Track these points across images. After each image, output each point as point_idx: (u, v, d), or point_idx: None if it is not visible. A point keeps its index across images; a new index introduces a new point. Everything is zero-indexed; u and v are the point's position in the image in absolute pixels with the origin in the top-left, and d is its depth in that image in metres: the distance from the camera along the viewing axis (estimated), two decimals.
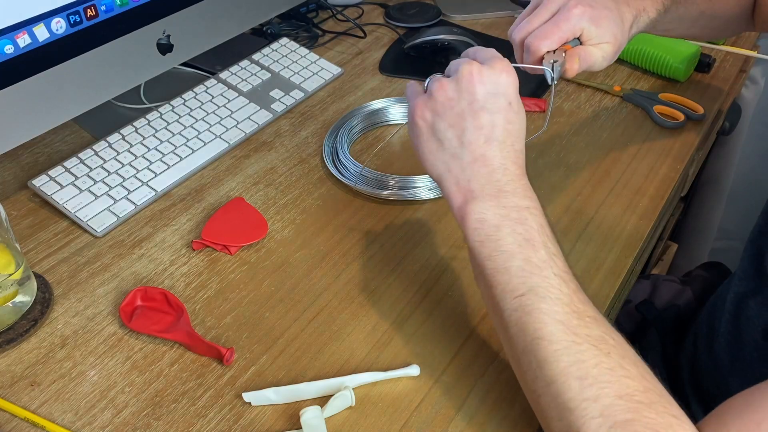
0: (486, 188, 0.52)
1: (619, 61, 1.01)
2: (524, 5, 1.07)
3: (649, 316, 0.82)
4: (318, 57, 0.99)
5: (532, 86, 0.94)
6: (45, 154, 0.82)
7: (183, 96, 0.88)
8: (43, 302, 0.64)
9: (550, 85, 0.61)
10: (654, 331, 0.79)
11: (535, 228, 0.50)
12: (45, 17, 0.68)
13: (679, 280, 0.91)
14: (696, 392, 0.71)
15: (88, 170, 0.77)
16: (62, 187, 0.74)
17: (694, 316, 0.78)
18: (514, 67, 0.56)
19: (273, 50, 0.98)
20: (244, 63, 0.95)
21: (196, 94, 0.89)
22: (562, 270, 0.49)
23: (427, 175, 0.77)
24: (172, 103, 0.87)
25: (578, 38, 0.62)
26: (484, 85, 0.53)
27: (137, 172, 0.78)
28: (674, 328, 0.80)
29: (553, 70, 0.61)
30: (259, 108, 0.89)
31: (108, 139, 0.81)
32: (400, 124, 0.89)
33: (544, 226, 0.51)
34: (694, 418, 0.46)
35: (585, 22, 0.61)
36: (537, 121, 0.89)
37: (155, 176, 0.78)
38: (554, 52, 0.61)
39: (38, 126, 0.73)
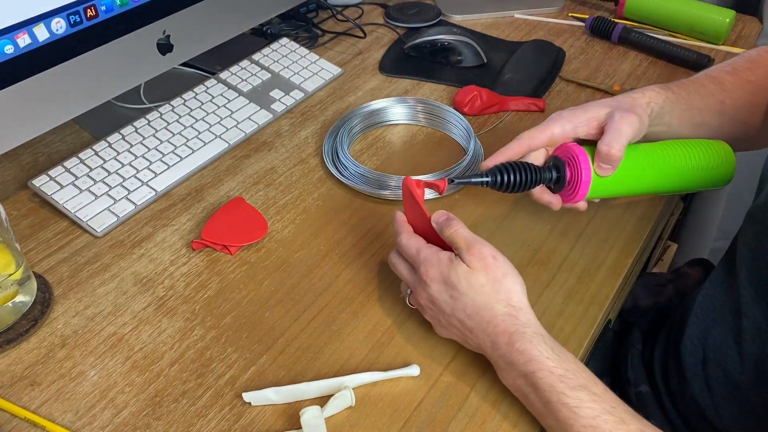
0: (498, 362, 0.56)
1: (619, 61, 1.01)
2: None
3: (631, 319, 0.83)
4: (318, 57, 0.99)
5: (532, 86, 0.94)
6: (45, 154, 0.82)
7: (183, 96, 0.88)
8: (43, 302, 0.64)
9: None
10: (636, 330, 0.79)
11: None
12: (45, 17, 0.68)
13: (665, 277, 0.90)
14: (666, 389, 0.71)
15: (88, 170, 0.77)
16: (62, 187, 0.75)
17: (675, 312, 0.78)
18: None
19: (273, 50, 0.98)
20: (244, 63, 0.95)
21: (196, 94, 0.89)
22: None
23: (426, 176, 0.77)
24: (172, 103, 0.87)
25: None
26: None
27: (137, 172, 0.78)
28: (653, 327, 0.80)
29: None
30: (259, 108, 0.89)
31: (108, 139, 0.81)
32: (400, 124, 0.89)
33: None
34: (669, 421, 0.46)
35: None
36: (537, 121, 0.89)
37: (155, 176, 0.78)
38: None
39: (38, 126, 0.73)
